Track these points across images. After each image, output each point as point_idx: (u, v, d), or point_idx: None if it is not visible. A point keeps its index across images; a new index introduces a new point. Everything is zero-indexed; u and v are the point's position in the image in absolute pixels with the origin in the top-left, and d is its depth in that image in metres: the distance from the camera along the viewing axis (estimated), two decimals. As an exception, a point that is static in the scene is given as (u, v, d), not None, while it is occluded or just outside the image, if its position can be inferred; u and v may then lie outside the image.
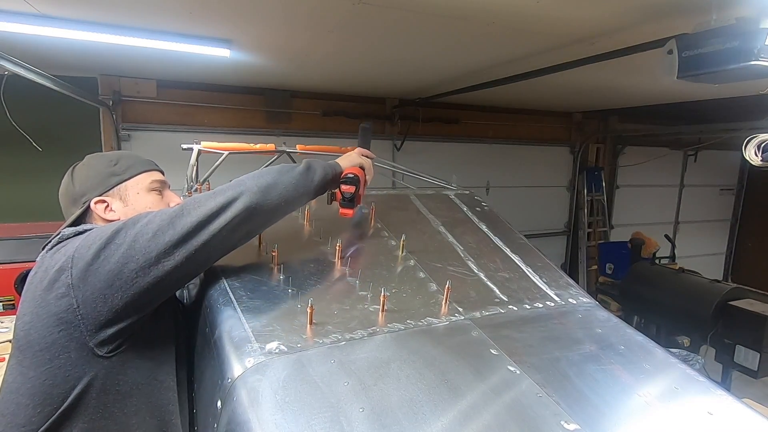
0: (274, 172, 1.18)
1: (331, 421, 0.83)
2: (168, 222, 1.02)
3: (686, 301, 4.02)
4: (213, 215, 1.04)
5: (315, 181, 1.25)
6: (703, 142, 6.89)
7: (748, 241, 8.34)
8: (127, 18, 2.43)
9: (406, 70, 3.72)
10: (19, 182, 3.96)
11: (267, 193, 1.12)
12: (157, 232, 1.00)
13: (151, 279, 0.99)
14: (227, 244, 1.11)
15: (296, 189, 1.19)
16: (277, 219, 1.22)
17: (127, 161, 1.26)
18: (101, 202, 1.20)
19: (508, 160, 6.21)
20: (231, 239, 1.10)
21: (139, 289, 0.99)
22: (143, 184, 1.26)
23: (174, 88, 4.41)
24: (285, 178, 1.17)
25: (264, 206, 1.12)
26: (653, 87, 4.13)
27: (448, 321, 1.19)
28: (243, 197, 1.08)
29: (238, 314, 1.10)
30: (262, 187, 1.12)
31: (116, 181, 1.22)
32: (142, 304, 1.03)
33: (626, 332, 1.28)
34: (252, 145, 2.52)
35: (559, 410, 0.92)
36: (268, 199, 1.12)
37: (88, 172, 1.23)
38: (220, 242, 1.07)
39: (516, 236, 1.75)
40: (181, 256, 1.01)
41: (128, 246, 0.98)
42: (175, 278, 1.04)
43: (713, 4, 1.92)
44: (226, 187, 1.11)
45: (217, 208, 1.05)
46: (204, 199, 1.08)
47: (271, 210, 1.15)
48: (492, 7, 2.16)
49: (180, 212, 1.04)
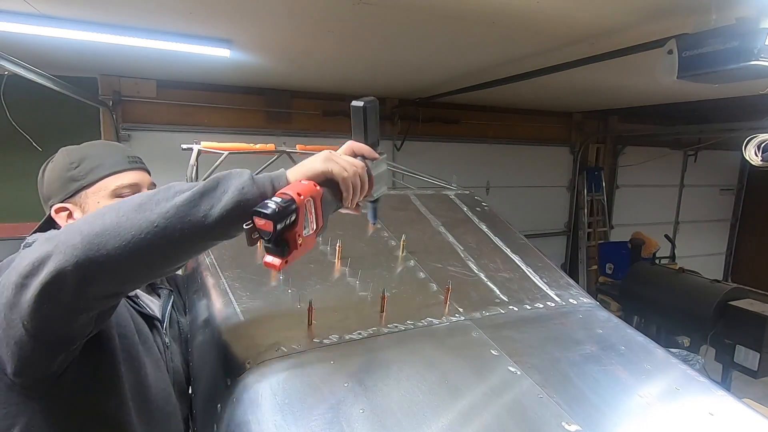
0: (128, 206, 0.76)
1: (330, 422, 0.83)
2: (8, 276, 0.79)
3: (686, 301, 4.02)
4: (27, 277, 0.75)
5: (213, 214, 0.76)
6: (703, 142, 6.89)
7: (748, 241, 8.33)
8: (127, 18, 2.43)
9: (406, 70, 3.72)
10: (19, 182, 3.96)
11: (96, 247, 0.72)
12: (3, 288, 0.79)
13: (14, 344, 0.80)
14: (61, 317, 0.79)
15: (163, 234, 0.74)
16: (144, 278, 0.90)
17: (91, 162, 1.07)
18: (62, 210, 1.07)
19: (508, 160, 6.21)
20: (59, 313, 0.78)
21: (12, 351, 0.81)
22: (106, 191, 1.07)
23: (174, 88, 4.41)
24: (141, 216, 0.74)
25: (86, 269, 0.73)
26: (653, 87, 4.13)
27: (448, 321, 1.19)
28: (55, 258, 0.73)
29: (238, 314, 1.10)
30: (87, 238, 0.73)
31: (76, 187, 1.06)
32: (33, 362, 0.84)
33: (627, 332, 1.28)
34: (252, 145, 2.52)
35: (559, 411, 0.92)
36: (99, 256, 0.72)
37: (52, 173, 1.09)
38: (48, 314, 0.77)
39: (516, 236, 1.74)
40: (20, 326, 0.78)
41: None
42: (38, 348, 0.81)
43: (713, 4, 1.92)
44: (52, 234, 0.78)
45: (30, 268, 0.75)
46: (35, 246, 0.78)
47: (111, 272, 0.75)
48: (492, 7, 2.16)
49: (16, 265, 0.78)
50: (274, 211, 0.77)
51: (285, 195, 0.81)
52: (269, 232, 0.79)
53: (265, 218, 0.77)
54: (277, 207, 0.78)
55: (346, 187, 0.92)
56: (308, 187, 0.86)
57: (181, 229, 0.75)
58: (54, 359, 0.86)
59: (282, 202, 0.79)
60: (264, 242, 0.82)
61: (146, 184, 1.15)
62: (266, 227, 0.78)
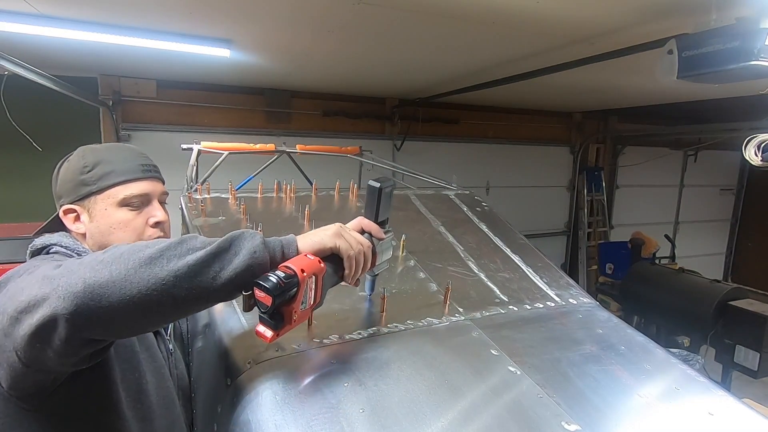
0: (139, 258, 0.75)
1: (331, 421, 0.83)
2: (4, 303, 0.78)
3: (686, 301, 4.02)
4: (22, 312, 0.74)
5: (222, 277, 0.77)
6: (703, 142, 6.89)
7: (748, 241, 8.34)
8: (127, 18, 2.43)
9: (405, 70, 3.72)
10: (19, 182, 3.96)
11: (98, 297, 0.71)
12: (1, 313, 0.78)
13: (9, 364, 0.80)
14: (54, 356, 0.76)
15: (169, 292, 0.74)
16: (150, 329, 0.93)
17: (103, 168, 1.06)
18: (70, 212, 1.07)
19: (508, 160, 6.21)
20: (50, 352, 0.76)
21: (6, 368, 0.81)
22: (114, 200, 1.06)
23: (174, 88, 4.41)
24: (151, 271, 0.73)
25: (86, 319, 0.72)
26: (653, 87, 4.13)
27: (448, 321, 1.19)
28: (52, 300, 0.71)
29: (238, 314, 1.10)
30: (90, 287, 0.71)
31: (86, 192, 1.06)
32: (26, 381, 0.84)
33: (627, 332, 1.28)
34: (252, 145, 2.53)
35: (559, 411, 0.92)
36: (101, 307, 0.71)
37: (66, 173, 1.09)
38: (39, 351, 0.76)
39: (516, 236, 1.74)
40: (12, 352, 0.77)
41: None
42: (29, 373, 0.81)
43: (713, 4, 1.92)
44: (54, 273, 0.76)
45: (26, 304, 0.74)
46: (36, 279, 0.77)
47: (108, 323, 0.74)
48: (492, 7, 2.16)
49: (14, 293, 0.78)
50: (275, 286, 0.78)
51: (288, 270, 0.81)
52: (267, 306, 0.79)
53: (265, 292, 0.78)
54: (279, 282, 0.78)
55: (350, 264, 0.92)
56: (313, 263, 0.85)
57: (188, 288, 0.75)
58: (46, 382, 0.86)
59: (285, 277, 0.79)
60: (260, 312, 0.82)
61: (157, 194, 1.13)
62: (265, 300, 0.79)
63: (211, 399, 1.04)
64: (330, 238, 0.90)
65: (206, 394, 1.11)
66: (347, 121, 5.12)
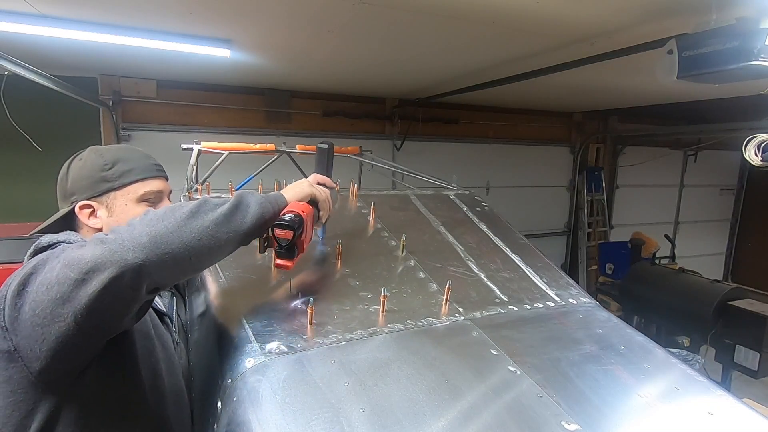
0: (181, 214, 0.91)
1: (331, 421, 0.83)
2: (58, 273, 0.84)
3: (686, 301, 4.02)
4: (89, 273, 0.82)
5: (246, 222, 0.97)
6: (703, 142, 6.89)
7: (748, 241, 8.34)
8: (127, 18, 2.43)
9: (406, 71, 3.72)
10: (19, 182, 3.96)
11: (162, 246, 0.86)
12: (49, 285, 0.83)
13: (55, 338, 0.85)
14: (119, 308, 0.88)
15: (215, 235, 0.92)
16: (189, 274, 1.02)
17: (123, 166, 1.15)
18: (87, 207, 1.12)
19: (508, 160, 6.21)
20: (119, 303, 0.87)
21: (50, 345, 0.85)
22: (134, 195, 1.14)
23: (174, 88, 4.41)
24: (197, 222, 0.91)
25: (156, 264, 0.85)
26: (653, 87, 4.13)
27: (448, 321, 1.19)
28: (122, 254, 0.83)
29: (239, 314, 1.10)
30: (155, 238, 0.86)
31: (105, 188, 1.12)
32: (66, 356, 0.88)
33: (626, 332, 1.28)
34: (252, 145, 2.53)
35: (559, 410, 0.92)
36: (165, 253, 0.86)
37: (81, 171, 1.14)
38: (107, 306, 0.84)
39: (516, 236, 1.74)
40: (71, 318, 0.83)
41: (33, 297, 0.85)
42: (80, 339, 0.86)
43: (713, 4, 1.92)
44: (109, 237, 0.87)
45: (92, 265, 0.82)
46: (91, 246, 0.86)
47: (170, 267, 0.88)
48: (492, 7, 2.16)
49: (69, 263, 0.84)
50: (294, 223, 1.03)
51: (294, 212, 1.05)
52: (288, 240, 1.04)
53: (286, 228, 1.03)
54: (294, 220, 1.03)
55: (324, 207, 1.20)
56: (306, 207, 1.12)
57: (226, 232, 0.94)
58: (87, 353, 0.92)
59: (295, 217, 1.04)
60: (277, 249, 1.06)
61: (167, 192, 1.24)
62: (286, 236, 1.03)
63: (210, 397, 1.04)
64: (308, 188, 1.17)
65: (205, 392, 1.11)
66: (347, 121, 5.12)
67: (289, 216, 1.03)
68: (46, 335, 0.84)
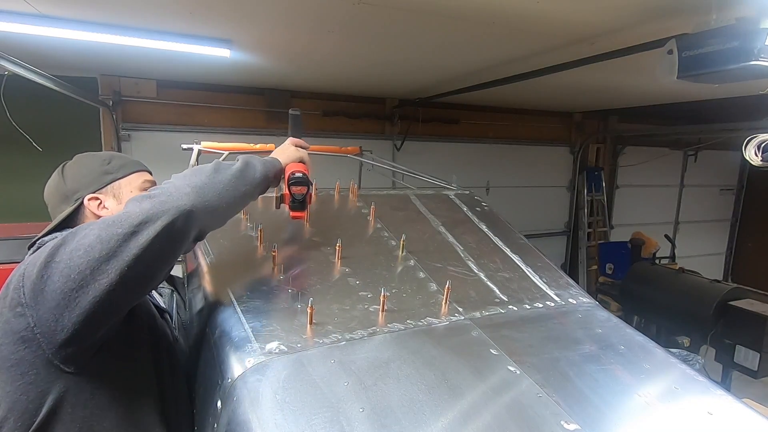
0: (207, 171, 1.09)
1: (331, 421, 0.83)
2: (98, 234, 0.91)
3: (686, 301, 4.02)
4: (141, 224, 0.92)
5: (257, 177, 1.18)
6: (703, 142, 6.89)
7: (748, 241, 8.34)
8: (127, 18, 2.43)
9: (406, 70, 3.72)
10: (19, 182, 3.96)
11: (202, 195, 1.02)
12: (88, 247, 0.90)
13: (92, 298, 0.90)
14: (167, 255, 0.99)
15: (236, 188, 1.11)
16: (219, 223, 1.14)
17: (119, 161, 1.27)
18: (95, 199, 1.20)
19: (508, 160, 6.21)
20: (168, 249, 0.98)
21: (83, 309, 0.90)
22: (136, 183, 1.25)
23: (174, 88, 4.41)
24: (221, 176, 1.09)
25: (201, 209, 1.00)
26: (653, 87, 4.13)
27: (448, 321, 1.19)
28: (173, 202, 0.96)
29: (238, 314, 1.10)
30: (196, 188, 1.01)
31: (110, 179, 1.22)
32: (96, 322, 0.94)
33: (626, 332, 1.28)
34: (252, 145, 2.53)
35: (559, 410, 0.92)
36: (206, 201, 1.02)
37: (81, 170, 1.24)
38: (156, 254, 0.94)
39: (516, 236, 1.75)
40: (115, 273, 0.90)
41: (65, 264, 0.90)
42: (120, 295, 0.93)
43: (713, 4, 1.92)
44: (154, 192, 1.01)
45: (144, 217, 0.93)
46: (135, 204, 0.97)
47: (209, 213, 1.04)
48: (492, 7, 2.16)
49: (112, 222, 0.93)
50: (306, 179, 1.27)
51: (300, 171, 1.28)
52: (302, 194, 1.27)
53: (301, 185, 1.26)
54: (305, 178, 1.27)
55: (310, 167, 1.38)
56: (305, 166, 1.33)
57: (243, 185, 1.14)
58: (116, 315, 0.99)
59: (304, 175, 1.27)
60: (291, 204, 1.29)
61: (156, 182, 1.33)
62: (301, 191, 1.27)
63: (210, 396, 1.04)
64: (295, 152, 1.37)
65: (205, 391, 1.11)
66: (347, 121, 5.12)
67: (300, 174, 1.26)
68: (80, 299, 0.90)
